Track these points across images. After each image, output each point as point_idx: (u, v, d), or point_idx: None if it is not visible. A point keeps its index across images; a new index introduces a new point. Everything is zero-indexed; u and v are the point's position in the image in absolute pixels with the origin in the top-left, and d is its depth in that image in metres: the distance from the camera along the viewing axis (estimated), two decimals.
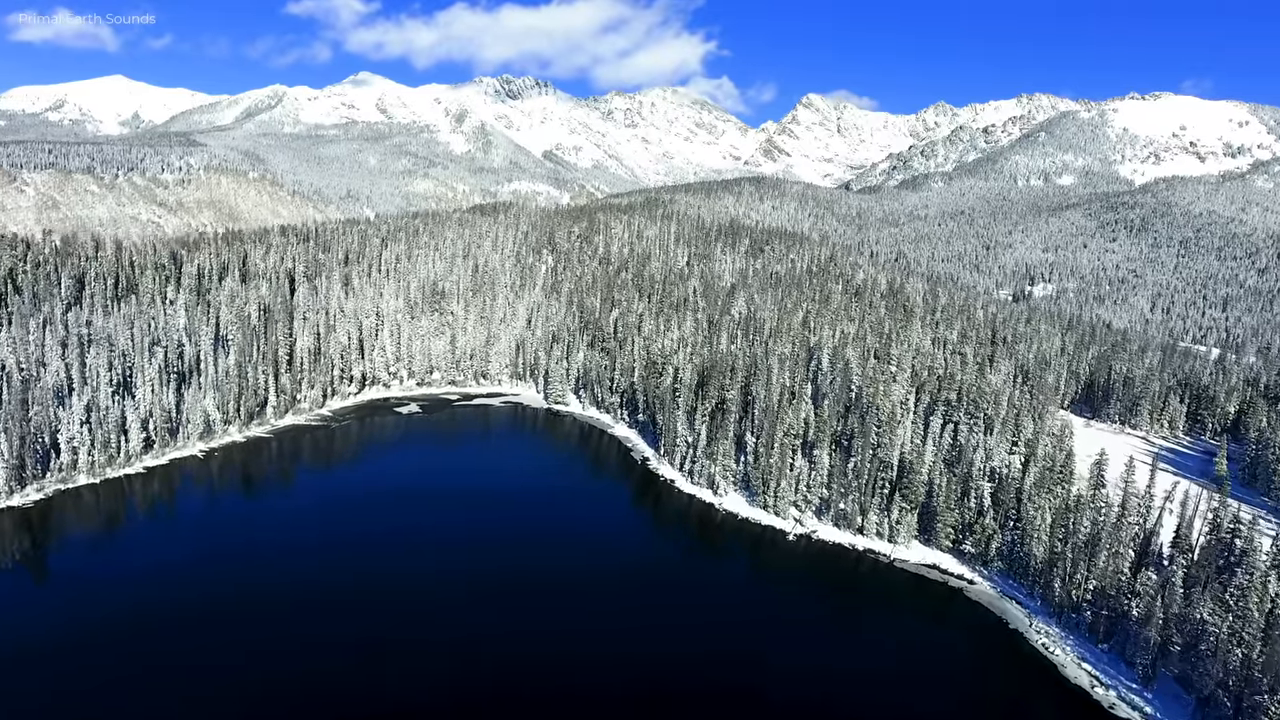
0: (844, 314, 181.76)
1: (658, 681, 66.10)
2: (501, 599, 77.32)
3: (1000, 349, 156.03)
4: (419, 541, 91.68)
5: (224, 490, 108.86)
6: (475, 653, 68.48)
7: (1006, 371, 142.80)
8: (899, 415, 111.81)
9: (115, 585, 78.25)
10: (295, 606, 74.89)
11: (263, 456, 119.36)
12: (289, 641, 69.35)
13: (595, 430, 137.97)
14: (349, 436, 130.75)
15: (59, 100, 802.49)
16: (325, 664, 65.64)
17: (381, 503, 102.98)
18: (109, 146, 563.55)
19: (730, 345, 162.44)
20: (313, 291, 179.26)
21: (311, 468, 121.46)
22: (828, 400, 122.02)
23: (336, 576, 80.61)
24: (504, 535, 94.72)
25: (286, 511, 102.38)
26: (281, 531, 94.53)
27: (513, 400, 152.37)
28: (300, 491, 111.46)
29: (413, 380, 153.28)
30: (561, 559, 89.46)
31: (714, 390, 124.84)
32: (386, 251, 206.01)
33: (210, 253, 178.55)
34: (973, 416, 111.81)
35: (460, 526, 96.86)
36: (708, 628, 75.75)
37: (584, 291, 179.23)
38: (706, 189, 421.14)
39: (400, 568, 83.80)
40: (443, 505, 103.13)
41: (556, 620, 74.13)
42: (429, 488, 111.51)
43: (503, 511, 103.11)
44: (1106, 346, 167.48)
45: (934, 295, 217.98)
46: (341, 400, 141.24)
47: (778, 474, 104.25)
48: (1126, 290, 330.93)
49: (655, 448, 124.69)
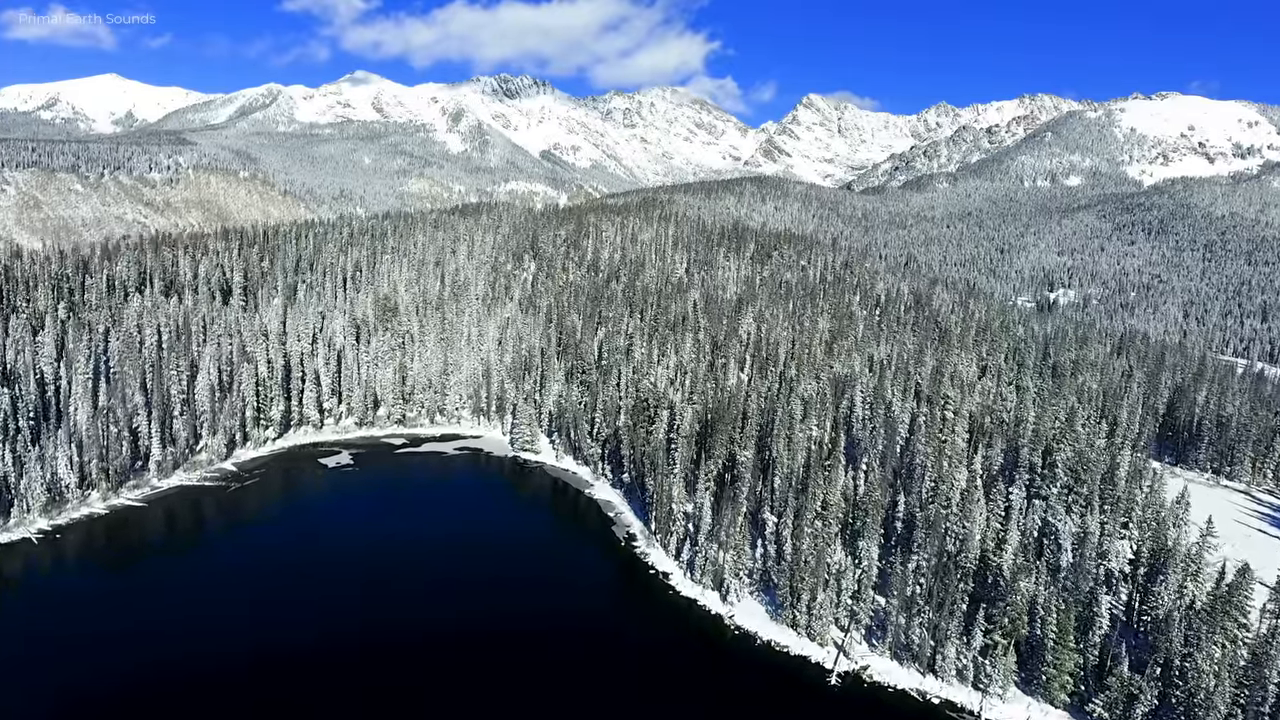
0: (870, 333, 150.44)
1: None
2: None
3: (1065, 381, 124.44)
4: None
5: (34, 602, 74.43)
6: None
7: (1082, 413, 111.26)
8: (971, 488, 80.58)
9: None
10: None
11: (117, 538, 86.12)
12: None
13: (570, 490, 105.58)
14: (242, 504, 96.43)
15: (51, 99, 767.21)
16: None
17: (230, 626, 69.00)
18: (95, 145, 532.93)
19: (739, 373, 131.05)
20: (250, 306, 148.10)
21: (166, 552, 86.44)
22: (867, 459, 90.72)
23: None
24: (409, 659, 63.68)
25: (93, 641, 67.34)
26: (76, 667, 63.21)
27: (472, 445, 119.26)
28: (122, 603, 73.95)
29: (352, 419, 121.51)
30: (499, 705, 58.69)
31: (720, 443, 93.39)
32: (346, 258, 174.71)
33: (129, 260, 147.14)
34: (1072, 490, 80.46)
35: (347, 655, 65.56)
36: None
37: (565, 306, 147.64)
38: (706, 189, 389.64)
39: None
40: (328, 616, 71.14)
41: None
42: (307, 596, 75.85)
43: (419, 616, 71.91)
44: (1186, 374, 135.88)
45: (964, 308, 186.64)
46: (255, 449, 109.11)
47: (811, 576, 72.85)
48: (1155, 297, 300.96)
49: (644, 519, 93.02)
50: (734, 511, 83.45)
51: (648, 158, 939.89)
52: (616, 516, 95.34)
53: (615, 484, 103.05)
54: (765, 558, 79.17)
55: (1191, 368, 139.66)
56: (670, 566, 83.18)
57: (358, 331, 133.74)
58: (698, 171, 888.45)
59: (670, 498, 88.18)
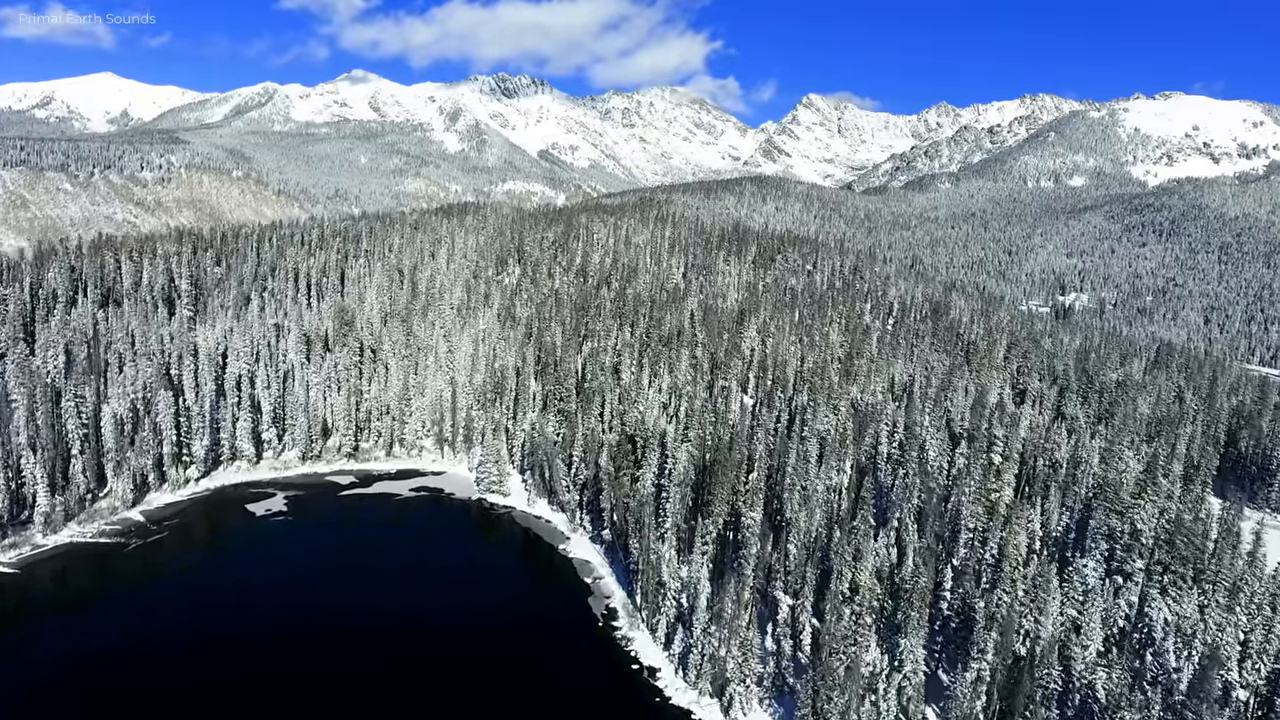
0: (888, 349, 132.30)
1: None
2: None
3: (1119, 408, 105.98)
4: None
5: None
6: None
7: (1141, 450, 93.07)
8: (1035, 561, 62.52)
9: None
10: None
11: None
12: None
13: (542, 545, 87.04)
14: (131, 569, 76.17)
15: (46, 97, 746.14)
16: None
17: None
18: (85, 143, 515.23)
19: (742, 396, 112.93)
20: (199, 318, 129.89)
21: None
22: (899, 513, 72.67)
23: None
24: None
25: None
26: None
27: (431, 485, 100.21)
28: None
29: (295, 451, 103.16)
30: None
31: (721, 497, 75.18)
32: (311, 263, 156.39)
33: (60, 268, 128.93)
34: (1167, 569, 62.25)
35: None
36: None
37: (547, 318, 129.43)
38: (705, 189, 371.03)
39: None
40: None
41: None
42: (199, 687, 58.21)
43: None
44: (1250, 396, 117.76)
45: (985, 318, 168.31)
46: (172, 492, 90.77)
47: (841, 688, 54.84)
48: (1173, 302, 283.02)
49: (628, 588, 74.86)
50: (738, 586, 65.40)
51: (646, 158, 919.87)
52: (595, 584, 76.95)
53: (595, 538, 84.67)
54: (779, 655, 61.08)
55: (1252, 389, 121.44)
56: (659, 660, 64.85)
57: (309, 348, 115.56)
58: (697, 171, 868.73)
59: (659, 568, 70.06)
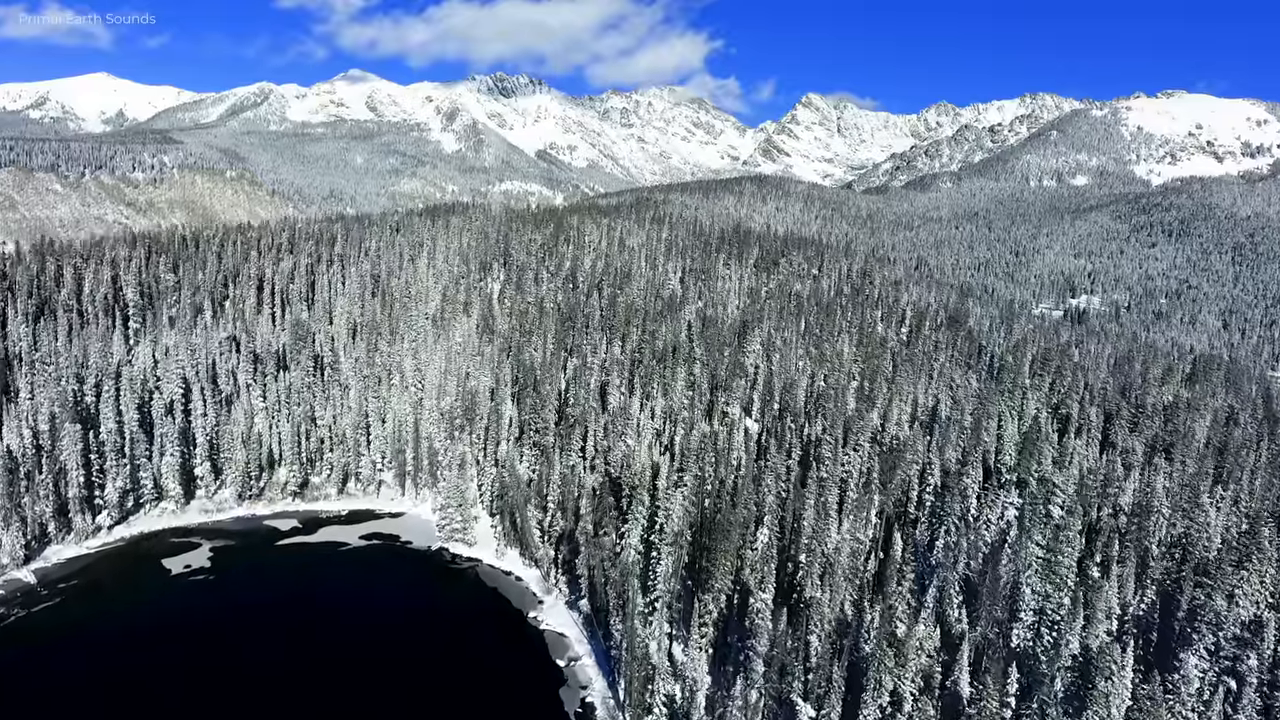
0: (909, 367, 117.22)
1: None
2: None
3: (1181, 437, 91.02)
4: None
5: None
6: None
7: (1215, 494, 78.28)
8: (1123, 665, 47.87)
9: None
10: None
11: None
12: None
13: (510, 611, 71.41)
14: (14, 656, 60.50)
15: (40, 98, 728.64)
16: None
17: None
18: (76, 144, 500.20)
19: (745, 421, 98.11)
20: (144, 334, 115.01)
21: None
22: (943, 584, 57.94)
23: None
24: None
25: None
26: None
27: (386, 531, 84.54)
28: None
29: (231, 490, 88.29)
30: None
31: (723, 566, 60.33)
32: (276, 270, 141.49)
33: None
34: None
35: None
36: None
37: (528, 332, 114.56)
38: (704, 189, 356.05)
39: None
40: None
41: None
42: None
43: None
44: None
45: (1007, 326, 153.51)
46: (77, 544, 75.92)
47: None
48: (1189, 305, 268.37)
49: (609, 677, 59.98)
50: (745, 686, 50.72)
51: (645, 157, 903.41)
52: (570, 668, 61.95)
53: (572, 605, 69.46)
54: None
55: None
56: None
57: (258, 366, 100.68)
58: (696, 171, 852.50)
59: (648, 659, 55.22)
